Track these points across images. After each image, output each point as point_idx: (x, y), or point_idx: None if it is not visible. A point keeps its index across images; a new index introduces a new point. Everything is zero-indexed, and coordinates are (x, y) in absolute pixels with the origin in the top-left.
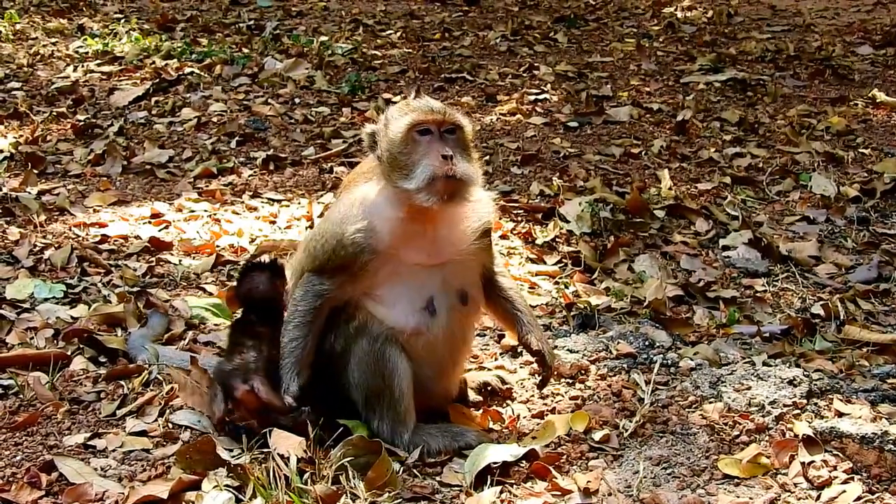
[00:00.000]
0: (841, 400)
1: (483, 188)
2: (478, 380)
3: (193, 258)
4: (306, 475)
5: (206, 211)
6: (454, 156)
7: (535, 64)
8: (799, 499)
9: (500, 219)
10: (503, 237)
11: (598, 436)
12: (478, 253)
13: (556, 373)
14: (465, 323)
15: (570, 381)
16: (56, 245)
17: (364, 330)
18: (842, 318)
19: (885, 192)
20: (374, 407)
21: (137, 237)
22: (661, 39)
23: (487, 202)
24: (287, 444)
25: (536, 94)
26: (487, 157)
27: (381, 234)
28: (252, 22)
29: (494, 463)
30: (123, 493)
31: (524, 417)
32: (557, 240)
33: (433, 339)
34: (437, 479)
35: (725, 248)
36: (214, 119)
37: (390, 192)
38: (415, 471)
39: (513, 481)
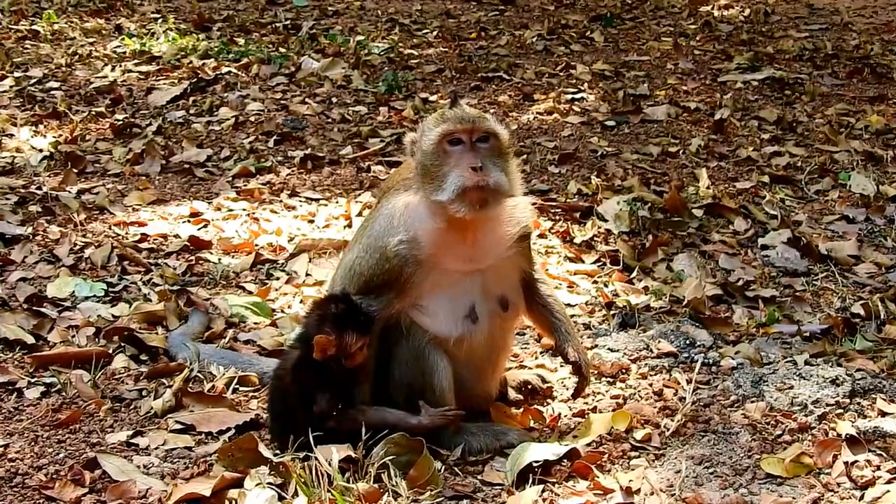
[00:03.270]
0: (884, 399)
1: (522, 192)
2: (518, 378)
3: (233, 257)
4: (348, 473)
5: (244, 210)
6: (484, 165)
7: (572, 63)
8: (842, 498)
9: (538, 218)
10: (541, 236)
11: (639, 435)
12: (517, 257)
13: (597, 372)
14: (506, 328)
15: (612, 379)
16: (96, 244)
17: (408, 336)
18: (882, 317)
19: None
20: (414, 405)
21: (177, 236)
22: (698, 38)
23: (526, 206)
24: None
25: (573, 93)
26: (525, 157)
27: (423, 244)
28: (288, 21)
29: (536, 462)
30: (166, 491)
31: (565, 416)
32: (596, 239)
33: (474, 345)
34: (479, 477)
35: (764, 247)
36: (252, 118)
37: (426, 202)
38: (456, 469)
39: (554, 480)
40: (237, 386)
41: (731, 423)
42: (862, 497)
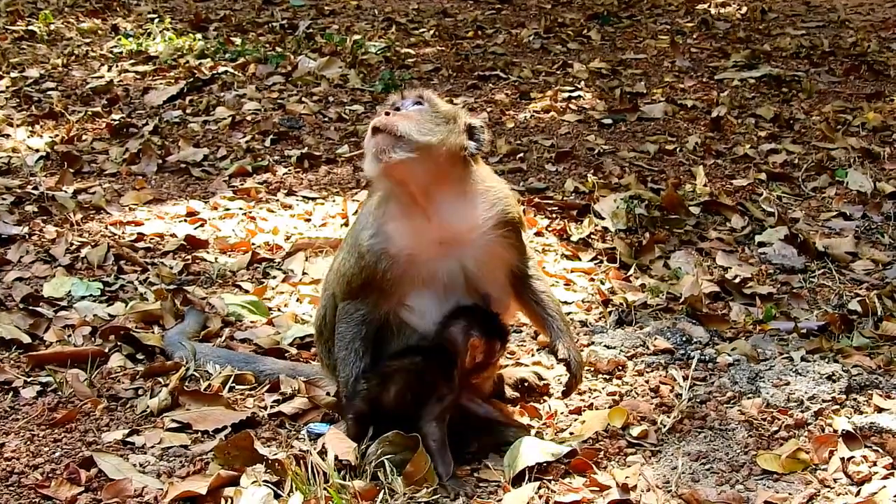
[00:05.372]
0: (880, 395)
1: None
2: (515, 376)
3: (229, 256)
4: (344, 471)
5: (241, 209)
6: (395, 112)
7: (569, 61)
8: (838, 494)
9: (535, 216)
10: (538, 234)
11: (636, 431)
12: (501, 251)
13: (593, 369)
14: None
15: (608, 376)
16: (92, 243)
17: (397, 335)
18: (879, 314)
19: None
20: None
21: (173, 235)
22: (694, 36)
23: (501, 189)
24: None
25: (570, 91)
26: (522, 155)
27: (392, 236)
28: (285, 21)
29: (537, 462)
30: (162, 489)
31: (561, 413)
32: (592, 236)
33: None
34: (476, 474)
35: (761, 244)
36: (249, 118)
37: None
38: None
39: (551, 477)
40: (233, 384)
41: (728, 420)
42: (858, 493)
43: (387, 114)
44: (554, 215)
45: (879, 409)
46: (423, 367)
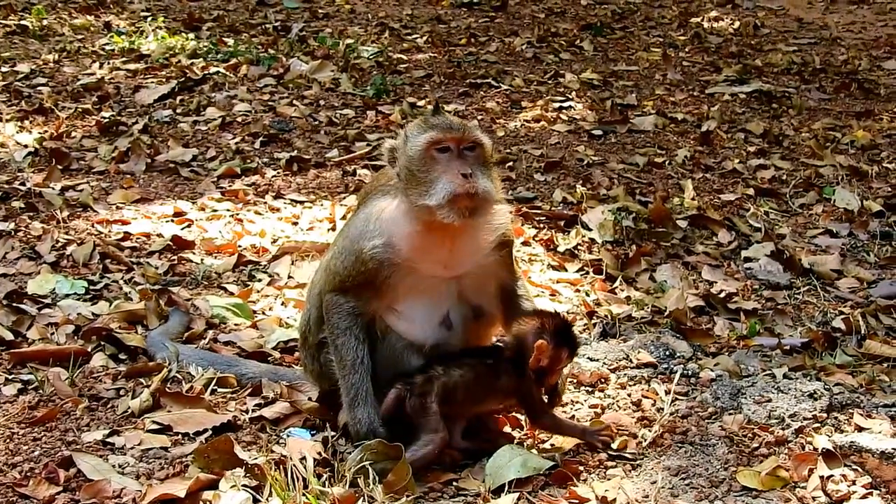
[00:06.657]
0: (861, 414)
1: (500, 200)
2: None
3: (215, 258)
4: (324, 477)
5: (228, 211)
6: (474, 173)
7: (561, 71)
8: None
9: (523, 225)
10: (525, 244)
11: (616, 444)
12: (495, 266)
13: (576, 381)
14: (482, 334)
15: (590, 389)
16: (78, 241)
17: (384, 340)
18: (863, 332)
19: None
20: None
21: (160, 235)
22: (687, 49)
23: (504, 213)
24: (302, 446)
25: (561, 101)
26: (511, 164)
27: (399, 248)
28: (278, 23)
29: (519, 477)
30: (141, 491)
31: None
32: (579, 248)
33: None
34: (455, 483)
35: (747, 259)
36: (239, 119)
37: (408, 207)
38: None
39: (530, 488)
40: (215, 387)
41: (709, 435)
42: None
43: (466, 176)
44: (541, 225)
45: (860, 429)
46: (494, 365)
